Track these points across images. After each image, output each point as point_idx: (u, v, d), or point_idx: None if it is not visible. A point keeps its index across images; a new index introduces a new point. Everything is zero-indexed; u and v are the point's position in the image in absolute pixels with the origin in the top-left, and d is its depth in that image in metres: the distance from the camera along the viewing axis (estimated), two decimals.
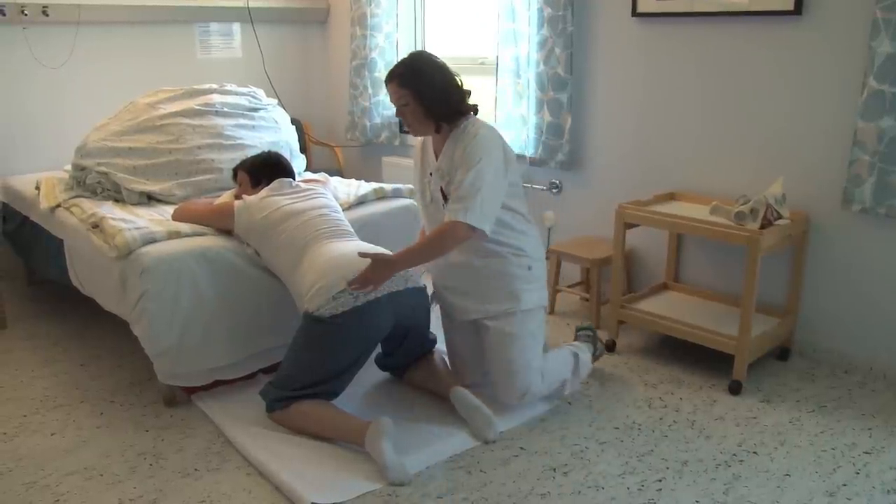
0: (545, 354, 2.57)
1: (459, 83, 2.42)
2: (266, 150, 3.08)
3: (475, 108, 2.45)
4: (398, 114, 2.43)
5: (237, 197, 2.83)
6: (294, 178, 2.87)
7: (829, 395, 2.69)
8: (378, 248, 2.54)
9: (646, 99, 3.29)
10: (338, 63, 4.84)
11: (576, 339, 2.86)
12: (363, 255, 2.31)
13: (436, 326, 2.70)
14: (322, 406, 2.36)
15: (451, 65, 2.48)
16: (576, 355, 2.63)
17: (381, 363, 2.74)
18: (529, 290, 2.48)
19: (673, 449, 2.34)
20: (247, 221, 2.63)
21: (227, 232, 2.71)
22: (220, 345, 2.61)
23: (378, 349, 2.70)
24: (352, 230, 2.67)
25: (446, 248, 2.38)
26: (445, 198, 2.42)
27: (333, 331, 2.31)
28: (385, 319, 2.40)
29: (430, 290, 2.62)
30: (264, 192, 2.71)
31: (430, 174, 2.48)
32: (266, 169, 2.83)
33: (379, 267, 2.29)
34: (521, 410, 2.53)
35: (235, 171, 2.91)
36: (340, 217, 2.71)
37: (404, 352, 2.66)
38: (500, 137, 2.41)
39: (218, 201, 2.89)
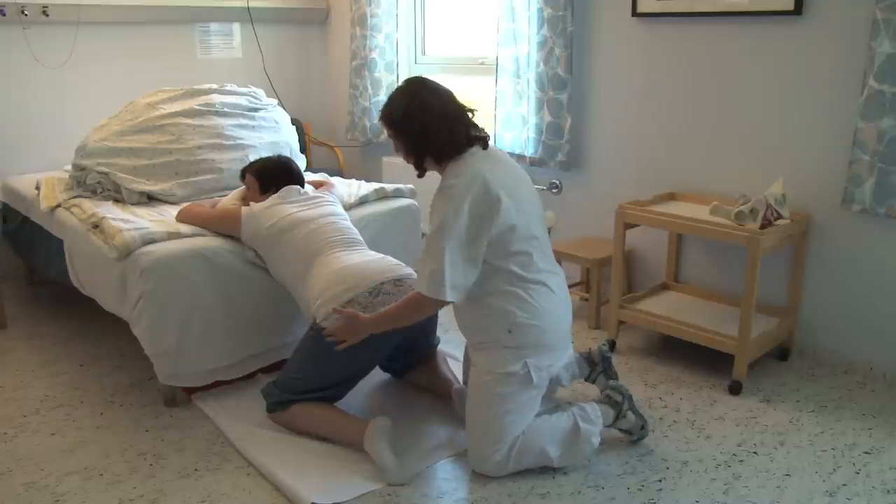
0: (535, 420, 2.23)
1: (452, 117, 2.13)
2: (277, 154, 3.04)
3: (476, 142, 2.16)
4: (395, 148, 2.25)
5: (243, 200, 2.82)
6: (303, 185, 2.84)
7: (829, 395, 2.69)
8: (388, 257, 2.53)
9: (646, 99, 3.29)
10: (338, 63, 4.84)
11: (601, 393, 2.42)
12: (337, 311, 2.25)
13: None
14: (322, 407, 2.36)
15: (453, 65, 2.34)
16: (576, 427, 2.21)
17: (383, 365, 2.74)
18: (506, 354, 2.14)
19: (673, 449, 2.34)
20: (254, 229, 2.62)
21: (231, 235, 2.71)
22: (220, 345, 2.61)
23: None
24: (360, 238, 2.66)
25: (412, 317, 2.19)
26: None
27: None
28: (392, 332, 2.39)
29: None
30: (272, 199, 2.69)
31: None
32: (276, 176, 2.79)
33: (348, 325, 2.23)
34: None
35: (244, 172, 2.87)
36: (348, 224, 2.70)
37: (410, 357, 2.66)
38: (477, 186, 2.06)
39: (222, 202, 2.88)
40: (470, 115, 2.20)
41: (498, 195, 2.06)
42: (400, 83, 2.24)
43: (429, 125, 2.11)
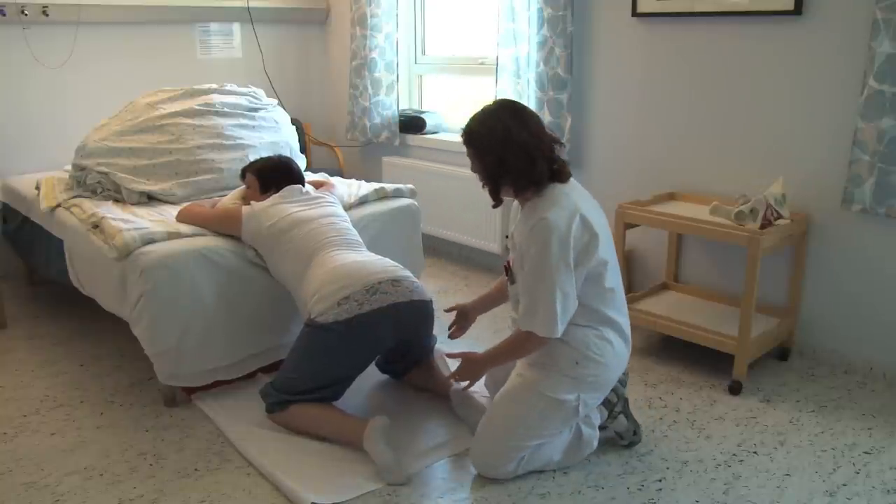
0: None
1: (535, 149, 2.04)
2: (277, 154, 3.04)
3: (560, 176, 2.09)
4: (473, 168, 2.15)
5: (244, 199, 2.82)
6: (304, 185, 2.84)
7: (829, 395, 2.69)
8: (386, 259, 2.54)
9: (646, 99, 3.29)
10: (338, 63, 4.84)
11: None
12: (451, 356, 2.27)
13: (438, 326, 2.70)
14: (321, 407, 2.36)
15: (453, 65, 2.28)
16: (579, 432, 2.24)
17: (382, 367, 2.74)
18: (564, 382, 2.11)
19: (673, 449, 2.34)
20: (255, 229, 2.62)
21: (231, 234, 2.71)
22: (220, 345, 2.61)
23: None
24: (359, 239, 2.67)
25: (524, 354, 2.18)
26: (507, 271, 2.25)
27: (335, 338, 2.30)
28: (387, 331, 2.39)
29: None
30: (273, 199, 2.69)
31: (507, 236, 2.20)
32: (276, 175, 2.79)
33: (469, 367, 2.26)
34: None
35: (244, 171, 2.88)
36: (348, 226, 2.70)
37: (407, 358, 2.66)
38: (577, 220, 2.02)
39: (222, 202, 2.88)
40: (557, 147, 2.12)
41: (595, 231, 2.05)
42: (489, 103, 2.14)
43: (507, 155, 2.04)
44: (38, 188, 3.26)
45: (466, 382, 2.39)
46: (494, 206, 2.15)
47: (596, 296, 2.11)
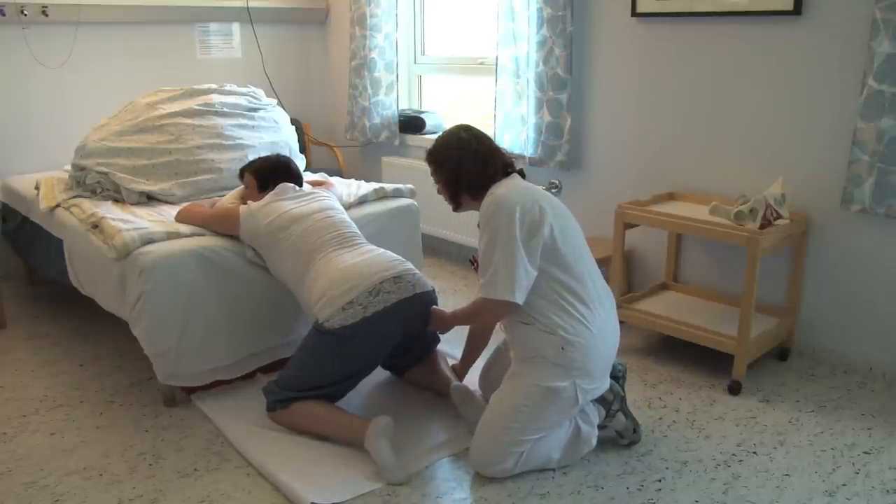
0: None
1: (487, 154, 2.26)
2: (276, 153, 3.04)
3: (508, 172, 2.27)
4: (438, 190, 2.37)
5: (242, 199, 2.82)
6: (301, 184, 2.84)
7: (829, 395, 2.69)
8: (387, 252, 2.54)
9: (645, 99, 3.29)
10: (337, 63, 4.84)
11: None
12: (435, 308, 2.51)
13: None
14: (323, 405, 2.36)
15: (452, 65, 2.39)
16: (577, 429, 2.26)
17: (384, 362, 2.74)
18: (556, 371, 2.13)
19: (672, 449, 2.35)
20: (252, 228, 2.62)
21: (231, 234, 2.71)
22: (220, 344, 2.61)
23: None
24: (357, 231, 2.66)
25: (482, 318, 2.40)
26: (472, 263, 2.35)
27: (343, 342, 2.31)
28: (394, 328, 2.40)
29: None
30: (268, 197, 2.69)
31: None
32: (275, 175, 2.79)
33: (438, 319, 2.49)
34: None
35: (243, 171, 2.88)
36: (344, 218, 2.70)
37: (409, 354, 2.66)
38: (525, 198, 2.15)
39: (221, 202, 2.88)
40: (509, 163, 2.30)
41: (542, 206, 2.16)
42: (448, 128, 2.39)
43: (463, 160, 2.25)
44: (37, 188, 3.26)
45: (463, 385, 2.45)
46: (455, 211, 2.36)
47: (554, 263, 2.15)
